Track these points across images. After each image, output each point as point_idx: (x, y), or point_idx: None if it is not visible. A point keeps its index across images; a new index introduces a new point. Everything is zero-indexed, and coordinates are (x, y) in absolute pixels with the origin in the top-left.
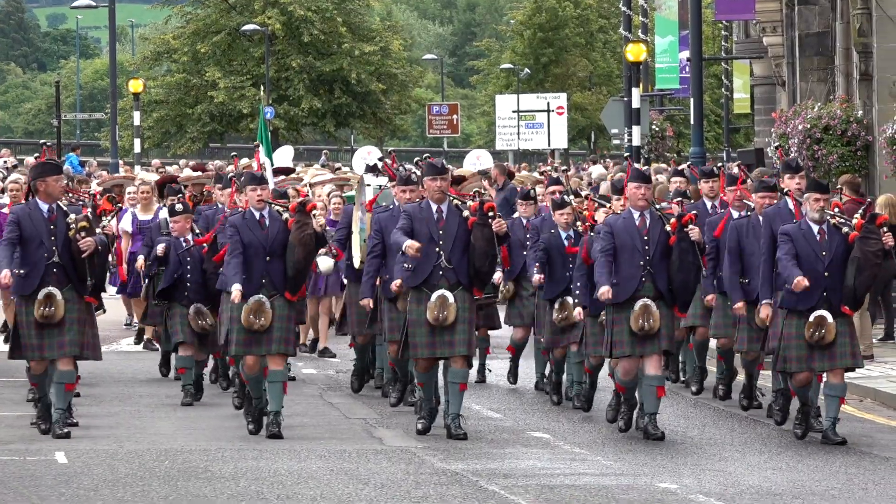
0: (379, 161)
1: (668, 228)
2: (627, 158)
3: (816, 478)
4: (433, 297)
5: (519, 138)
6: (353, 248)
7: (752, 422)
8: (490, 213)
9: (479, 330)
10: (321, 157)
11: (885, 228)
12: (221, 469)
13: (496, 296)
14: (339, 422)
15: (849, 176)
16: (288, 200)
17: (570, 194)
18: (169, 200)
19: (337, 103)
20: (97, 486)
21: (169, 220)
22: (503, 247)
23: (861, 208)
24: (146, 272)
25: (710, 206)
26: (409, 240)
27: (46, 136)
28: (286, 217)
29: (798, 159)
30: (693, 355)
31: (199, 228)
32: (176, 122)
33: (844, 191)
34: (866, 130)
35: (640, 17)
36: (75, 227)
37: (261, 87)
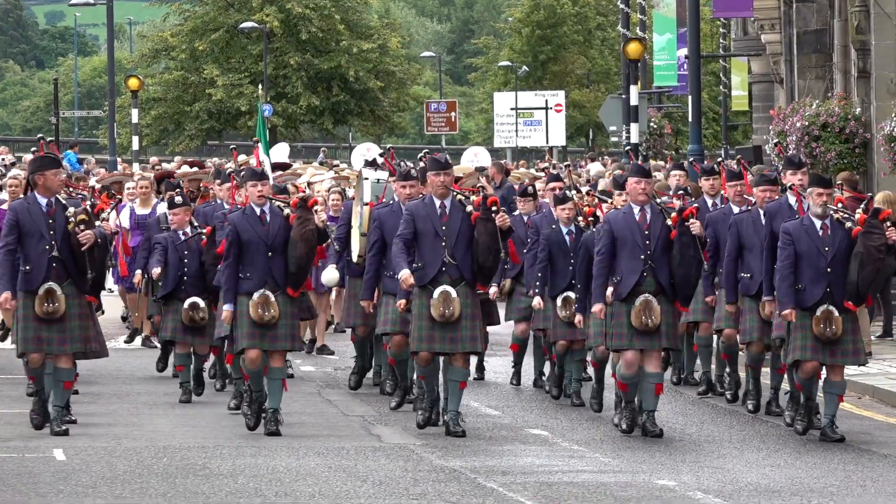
0: (380, 157)
1: (668, 223)
2: (629, 153)
3: (815, 475)
4: (436, 294)
5: (517, 136)
6: (352, 243)
7: (751, 419)
8: (493, 208)
9: None
10: (319, 155)
11: (889, 223)
12: (220, 466)
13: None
14: (338, 419)
15: (846, 173)
16: (288, 196)
17: (572, 189)
18: (167, 196)
19: (335, 101)
20: (95, 483)
21: (168, 214)
22: (510, 241)
23: (863, 204)
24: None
25: (710, 204)
26: (406, 270)
27: (45, 133)
28: (287, 213)
29: (800, 155)
30: (694, 354)
31: (197, 223)
32: (174, 119)
33: (844, 187)
34: (864, 128)
35: (638, 14)
36: (74, 220)
37: (259, 85)
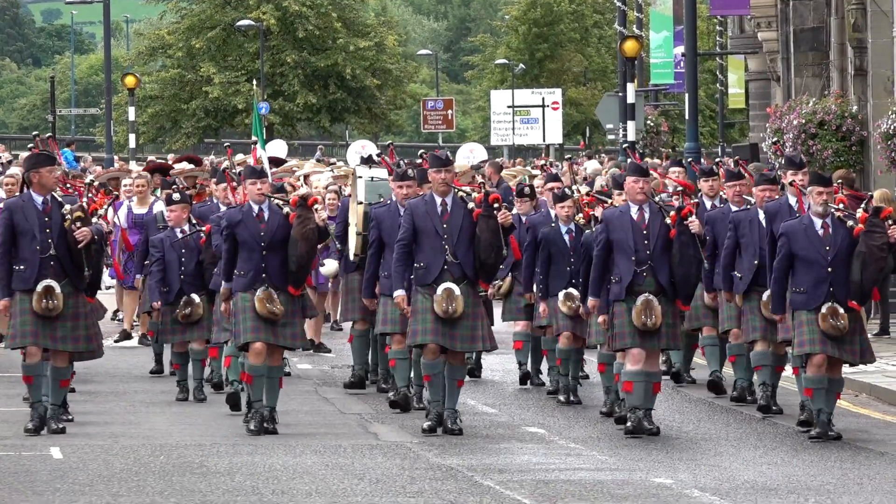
0: (377, 157)
1: (667, 221)
2: (627, 150)
3: (812, 472)
4: (439, 291)
5: (514, 133)
6: (349, 240)
7: (748, 417)
8: (496, 205)
9: None
10: (316, 153)
11: (891, 221)
12: (216, 464)
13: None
14: (335, 417)
15: (843, 171)
16: (285, 194)
17: (571, 185)
18: (164, 193)
19: (332, 98)
20: (92, 482)
21: (164, 215)
22: (511, 237)
23: (863, 203)
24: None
25: (709, 206)
26: (401, 292)
27: (42, 131)
28: (287, 211)
29: (801, 155)
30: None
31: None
32: (171, 117)
33: (844, 186)
34: (861, 126)
35: (634, 12)
36: (70, 217)
37: (254, 82)
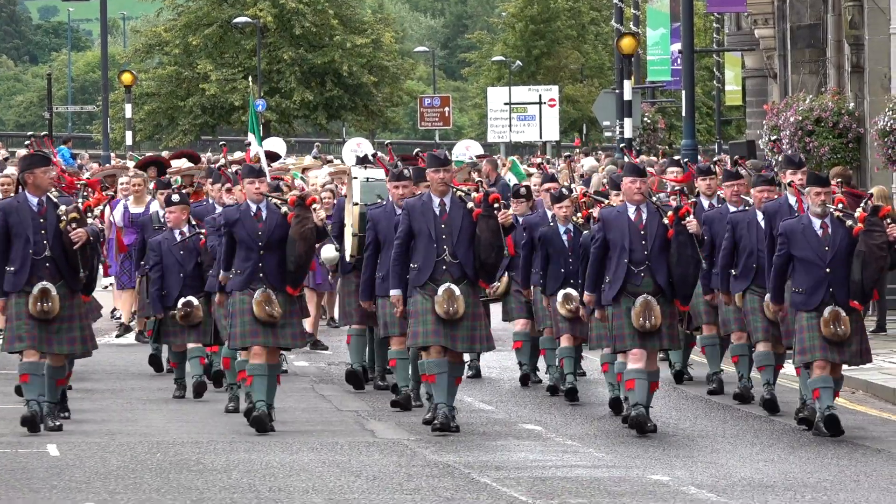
0: (372, 156)
1: (665, 221)
2: (624, 149)
3: (808, 469)
4: (440, 291)
5: (511, 130)
6: (346, 241)
7: (745, 414)
8: (496, 205)
9: None
10: (313, 150)
11: (889, 220)
12: (213, 461)
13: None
14: (331, 414)
15: (839, 168)
16: (281, 193)
17: (569, 183)
18: (159, 195)
19: (328, 96)
20: (89, 479)
21: (160, 214)
22: (508, 236)
23: (863, 201)
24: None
25: (707, 205)
26: (397, 292)
27: (38, 128)
28: (285, 211)
29: (800, 154)
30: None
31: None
32: (168, 114)
33: (843, 185)
34: (858, 122)
35: (631, 9)
36: (66, 218)
37: (249, 79)
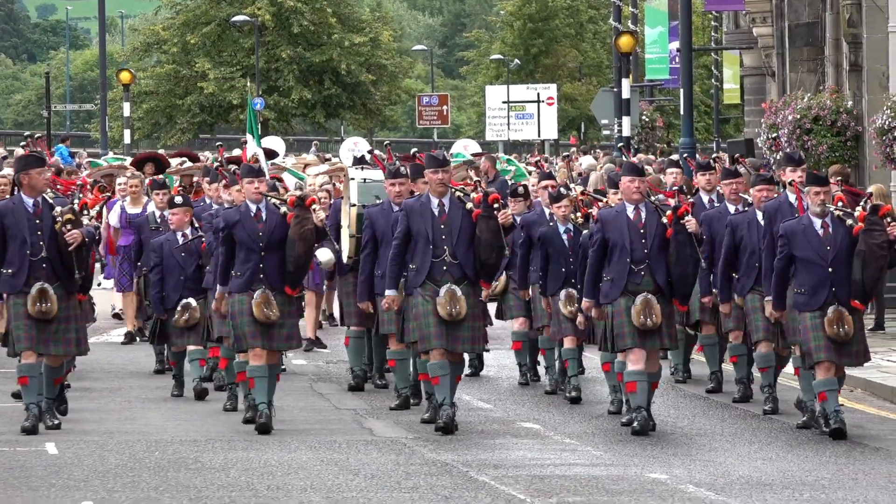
0: (368, 154)
1: (664, 220)
2: (622, 148)
3: (806, 468)
4: (442, 293)
5: (509, 129)
6: (343, 243)
7: (743, 413)
8: (495, 205)
9: None
10: (311, 148)
11: (889, 219)
12: (212, 460)
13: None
14: (330, 413)
15: (838, 166)
16: (277, 193)
17: (567, 183)
18: (155, 194)
19: (327, 94)
20: (87, 477)
21: (157, 214)
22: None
23: (862, 200)
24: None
25: (707, 201)
26: (392, 292)
27: (36, 127)
28: (284, 211)
29: (799, 152)
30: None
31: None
32: (166, 113)
33: (842, 184)
34: (856, 121)
35: (629, 7)
36: (61, 219)
37: (248, 80)
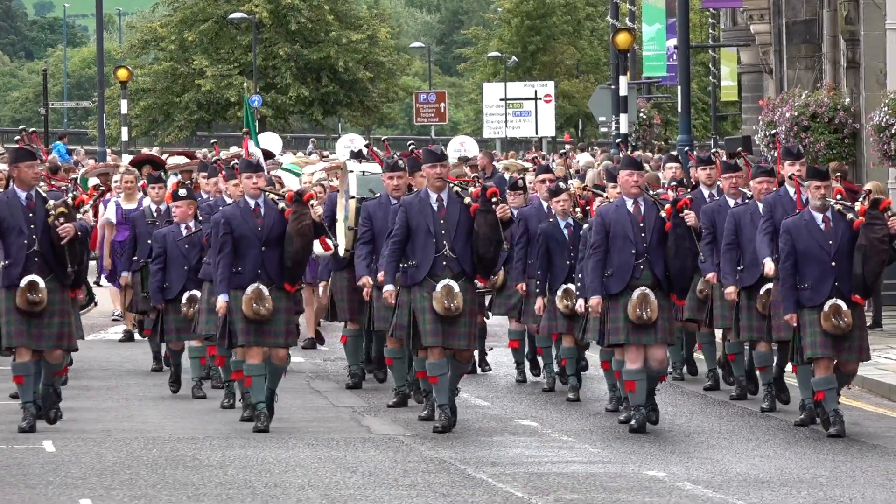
0: (364, 147)
1: (662, 214)
2: (620, 144)
3: (804, 465)
4: (438, 288)
5: (506, 126)
6: (338, 236)
7: (740, 410)
8: (493, 199)
9: None
10: (308, 146)
11: (890, 213)
12: (209, 457)
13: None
14: (327, 410)
15: (836, 164)
16: (274, 187)
17: (566, 178)
18: (151, 189)
19: (324, 91)
20: (85, 475)
21: (153, 209)
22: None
23: (861, 196)
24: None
25: (707, 195)
26: (390, 287)
27: (34, 124)
28: (282, 207)
29: (799, 146)
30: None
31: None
32: (163, 110)
33: (842, 179)
34: (853, 118)
35: (627, 4)
36: (54, 213)
37: (245, 76)
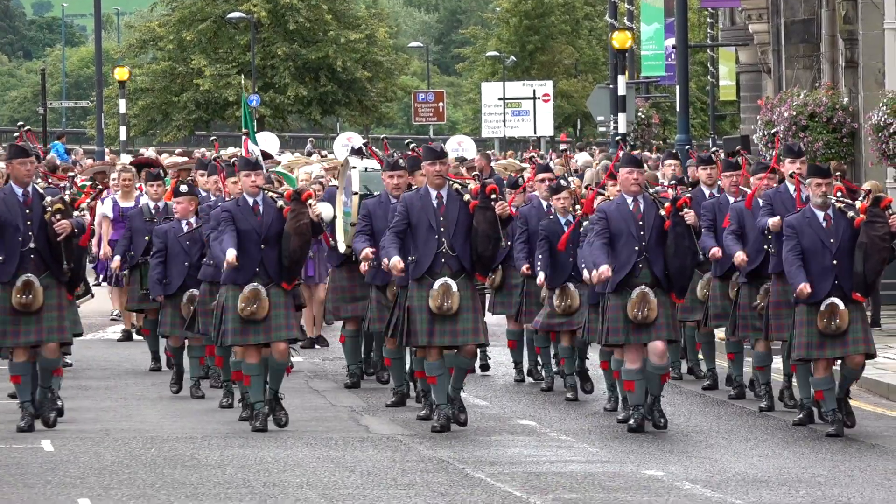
0: (364, 145)
1: (662, 213)
2: (619, 143)
3: (802, 465)
4: (436, 286)
5: (505, 126)
6: (338, 233)
7: (739, 410)
8: (493, 196)
9: None
10: (307, 145)
11: (891, 211)
12: (208, 457)
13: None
14: (326, 410)
15: (834, 163)
16: (273, 185)
17: (567, 175)
18: (149, 186)
19: (323, 91)
20: (83, 474)
21: (151, 207)
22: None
23: (861, 196)
24: (119, 269)
25: (707, 194)
26: (396, 257)
27: (32, 124)
28: (281, 205)
29: (800, 144)
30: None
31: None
32: (162, 110)
33: (842, 177)
34: (852, 117)
35: (625, 4)
36: (51, 209)
37: (242, 76)
